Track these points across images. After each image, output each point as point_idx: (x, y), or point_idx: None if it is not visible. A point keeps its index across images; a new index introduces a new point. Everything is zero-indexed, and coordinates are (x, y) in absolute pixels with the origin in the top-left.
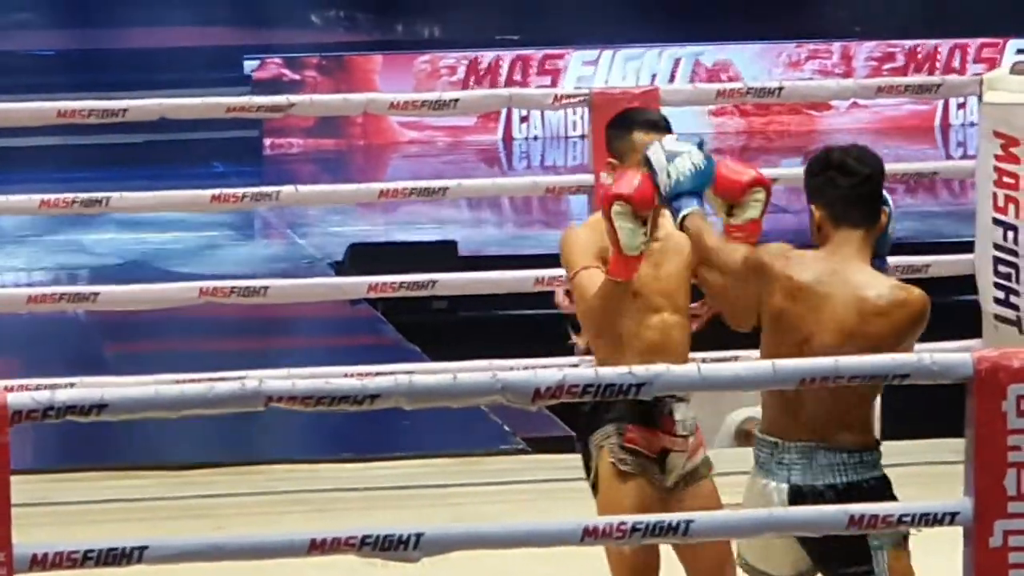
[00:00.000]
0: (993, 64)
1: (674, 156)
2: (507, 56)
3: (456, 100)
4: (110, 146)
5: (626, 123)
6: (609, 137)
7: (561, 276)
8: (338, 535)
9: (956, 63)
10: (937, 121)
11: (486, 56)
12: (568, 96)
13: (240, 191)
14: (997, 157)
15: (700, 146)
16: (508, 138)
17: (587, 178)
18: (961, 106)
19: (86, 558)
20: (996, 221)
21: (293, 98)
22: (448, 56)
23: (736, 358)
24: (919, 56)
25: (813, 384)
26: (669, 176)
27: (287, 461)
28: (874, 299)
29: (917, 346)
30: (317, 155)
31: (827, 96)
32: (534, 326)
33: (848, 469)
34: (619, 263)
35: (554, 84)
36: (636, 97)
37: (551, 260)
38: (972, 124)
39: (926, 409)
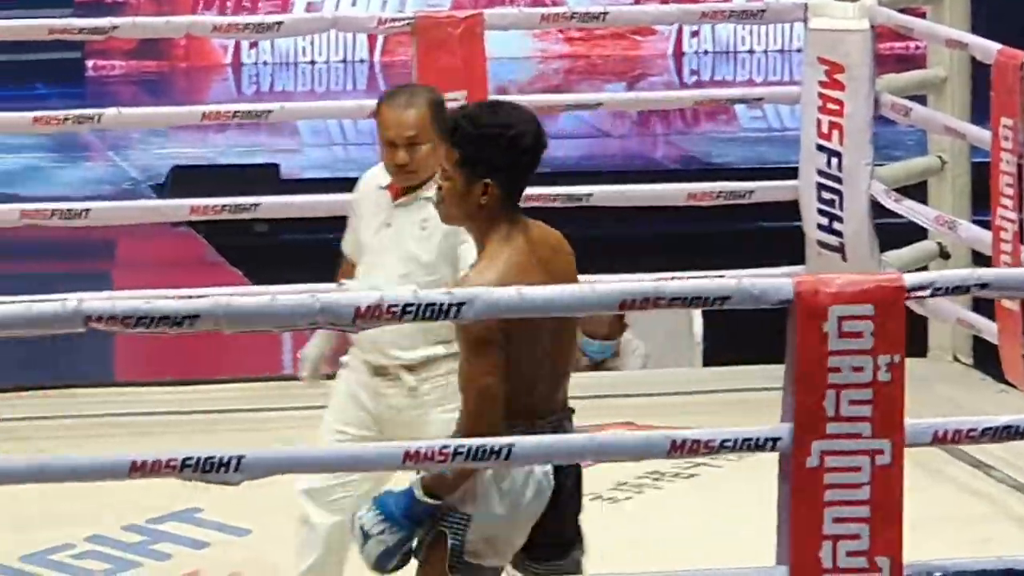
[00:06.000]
0: None
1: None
2: None
3: (280, 23)
4: None
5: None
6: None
7: None
8: (159, 457)
9: None
10: (670, 49)
11: None
12: (392, 20)
13: (62, 113)
14: (821, 83)
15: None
16: (237, 63)
17: None
18: (695, 34)
19: None
20: (820, 147)
21: (116, 20)
22: None
23: None
24: None
25: (633, 307)
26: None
27: (105, 384)
28: (565, 246)
29: (740, 273)
30: (140, 77)
31: (651, 21)
32: None
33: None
34: None
35: (284, 10)
36: (461, 21)
37: None
38: (706, 52)
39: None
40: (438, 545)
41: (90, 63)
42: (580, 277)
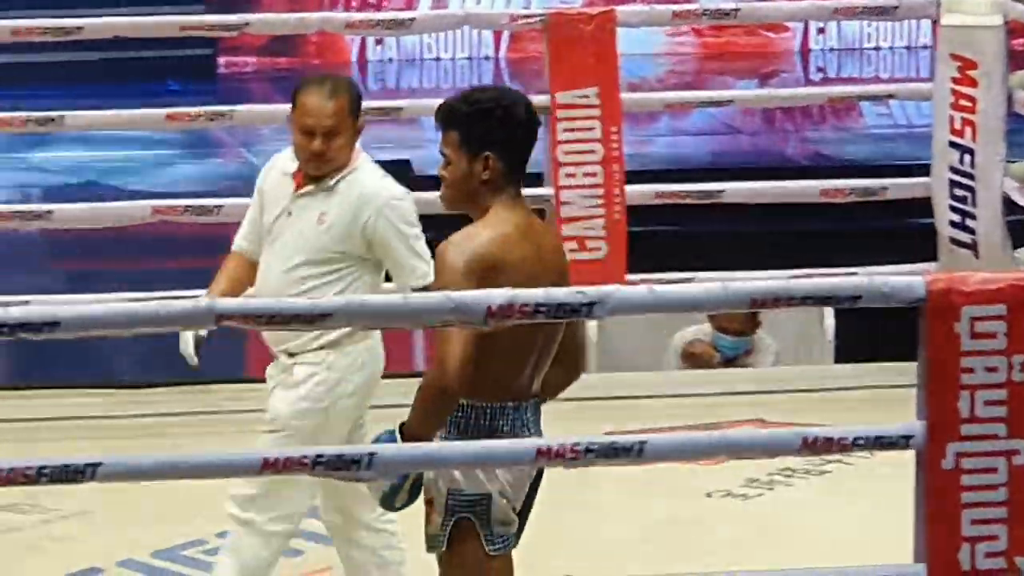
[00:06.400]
0: None
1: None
2: None
3: (412, 19)
4: (65, 64)
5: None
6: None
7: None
8: (291, 454)
9: None
10: (797, 45)
11: None
12: (524, 16)
13: (195, 110)
14: (954, 80)
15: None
16: (363, 61)
17: (542, 99)
18: (821, 31)
19: (40, 474)
20: (953, 144)
21: (248, 16)
22: None
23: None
24: None
25: (764, 305)
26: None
27: (240, 380)
28: (561, 245)
29: (872, 270)
30: (271, 74)
31: (782, 17)
32: None
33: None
34: None
35: (409, 6)
36: (592, 18)
37: None
38: (832, 49)
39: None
40: (464, 533)
41: (222, 60)
42: (712, 274)
